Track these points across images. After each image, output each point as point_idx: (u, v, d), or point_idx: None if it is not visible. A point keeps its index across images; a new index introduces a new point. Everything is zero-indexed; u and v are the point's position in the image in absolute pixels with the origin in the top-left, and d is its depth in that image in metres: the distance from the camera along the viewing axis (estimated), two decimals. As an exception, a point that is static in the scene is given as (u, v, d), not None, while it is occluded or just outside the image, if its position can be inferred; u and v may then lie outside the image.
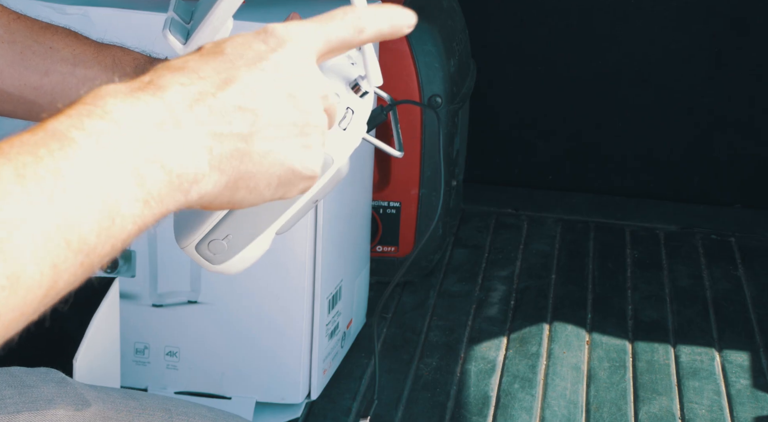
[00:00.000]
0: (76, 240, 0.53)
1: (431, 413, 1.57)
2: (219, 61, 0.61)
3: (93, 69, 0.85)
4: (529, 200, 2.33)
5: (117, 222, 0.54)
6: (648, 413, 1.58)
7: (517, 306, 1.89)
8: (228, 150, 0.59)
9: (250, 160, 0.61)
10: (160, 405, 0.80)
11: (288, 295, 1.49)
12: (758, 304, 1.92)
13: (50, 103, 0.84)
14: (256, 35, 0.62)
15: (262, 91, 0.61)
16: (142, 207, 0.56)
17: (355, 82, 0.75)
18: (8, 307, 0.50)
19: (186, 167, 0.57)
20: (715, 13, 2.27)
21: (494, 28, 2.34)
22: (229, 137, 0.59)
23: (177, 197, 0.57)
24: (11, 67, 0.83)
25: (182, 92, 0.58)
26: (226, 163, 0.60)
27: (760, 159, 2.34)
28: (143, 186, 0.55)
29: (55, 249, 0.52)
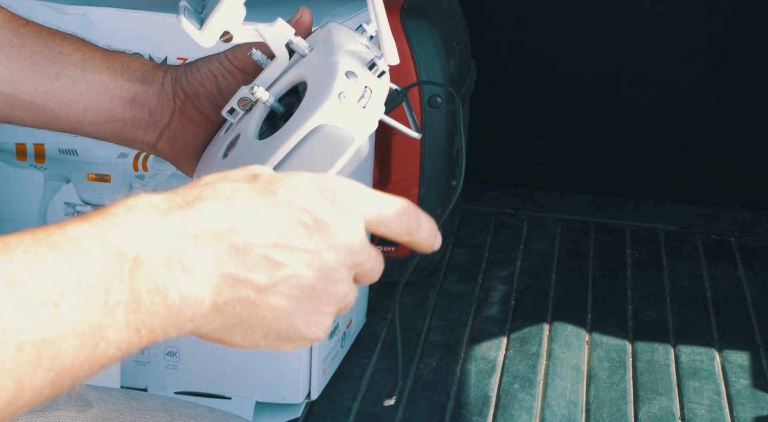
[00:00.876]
0: (51, 358, 0.50)
1: (431, 413, 1.57)
2: (267, 202, 0.58)
3: (102, 73, 0.85)
4: (529, 200, 2.33)
5: (100, 346, 0.52)
6: (648, 413, 1.58)
7: (517, 306, 1.89)
8: (237, 296, 0.57)
9: (255, 310, 0.58)
10: (161, 405, 0.81)
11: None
12: (758, 304, 1.92)
13: (60, 108, 0.84)
14: (316, 183, 0.59)
15: (296, 249, 0.58)
16: (132, 334, 0.53)
17: (372, 62, 0.75)
18: None
19: (188, 305, 0.55)
20: (715, 13, 2.27)
21: (494, 28, 2.34)
22: (243, 284, 0.57)
23: (169, 331, 0.55)
24: (22, 71, 0.83)
25: (215, 225, 0.56)
26: (230, 307, 0.57)
27: (760, 159, 2.34)
28: (138, 313, 0.53)
29: (25, 364, 0.49)
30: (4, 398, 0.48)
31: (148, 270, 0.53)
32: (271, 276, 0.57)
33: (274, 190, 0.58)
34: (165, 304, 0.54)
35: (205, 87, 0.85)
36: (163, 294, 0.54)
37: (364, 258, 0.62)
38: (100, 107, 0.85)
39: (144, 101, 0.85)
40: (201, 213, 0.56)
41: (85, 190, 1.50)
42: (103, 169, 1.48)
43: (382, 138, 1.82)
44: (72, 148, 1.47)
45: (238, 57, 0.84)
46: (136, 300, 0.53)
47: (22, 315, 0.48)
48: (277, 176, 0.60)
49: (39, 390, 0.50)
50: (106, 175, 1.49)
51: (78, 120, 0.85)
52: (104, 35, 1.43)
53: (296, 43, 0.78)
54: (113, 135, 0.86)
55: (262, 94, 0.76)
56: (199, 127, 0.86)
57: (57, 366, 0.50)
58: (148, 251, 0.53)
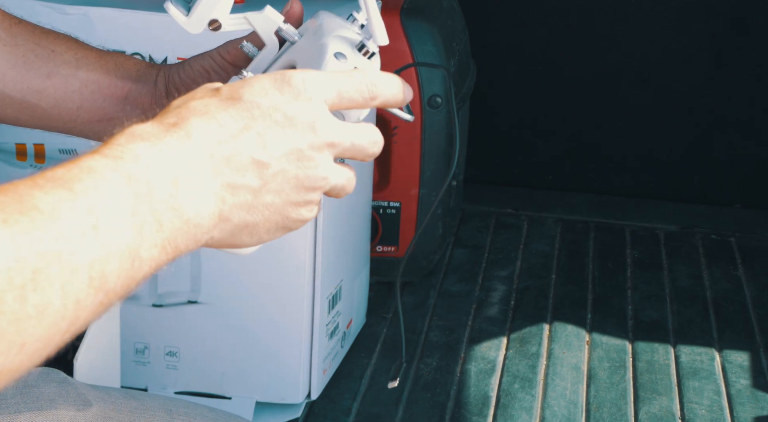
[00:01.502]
0: (99, 278, 0.54)
1: (431, 413, 1.57)
2: (238, 109, 0.63)
3: (96, 72, 0.85)
4: (529, 200, 2.33)
5: (135, 265, 0.56)
6: (648, 413, 1.58)
7: (517, 306, 1.89)
8: (238, 201, 0.63)
9: (255, 210, 0.64)
10: (161, 405, 0.81)
11: (288, 295, 1.49)
12: (758, 304, 1.92)
13: (53, 107, 0.84)
14: (273, 81, 0.65)
15: (274, 144, 0.64)
16: (159, 251, 0.58)
17: (362, 44, 0.76)
18: (33, 337, 0.51)
19: (201, 218, 0.60)
20: (715, 13, 2.27)
21: (494, 28, 2.34)
22: (241, 189, 0.63)
23: (189, 244, 0.60)
24: (13, 69, 0.83)
25: (204, 141, 0.61)
26: (234, 213, 0.63)
27: (760, 159, 2.34)
28: (162, 232, 0.58)
29: (80, 286, 0.53)
30: (68, 318, 0.52)
31: (161, 191, 0.58)
32: (261, 176, 0.63)
33: (240, 96, 0.64)
34: (182, 220, 0.59)
35: (197, 83, 0.85)
36: (179, 211, 0.59)
37: (335, 137, 0.67)
38: (93, 105, 0.85)
39: (137, 100, 0.85)
40: (189, 133, 0.61)
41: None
42: (103, 168, 1.48)
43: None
44: (72, 148, 1.47)
45: (229, 52, 0.84)
46: (158, 220, 0.57)
47: (72, 240, 0.52)
48: (235, 84, 0.65)
49: (92, 310, 0.54)
50: (106, 175, 1.49)
51: (71, 118, 0.85)
52: (104, 35, 1.43)
53: (285, 29, 0.78)
54: (106, 134, 0.86)
55: None
56: None
57: (104, 286, 0.54)
58: (156, 174, 0.58)
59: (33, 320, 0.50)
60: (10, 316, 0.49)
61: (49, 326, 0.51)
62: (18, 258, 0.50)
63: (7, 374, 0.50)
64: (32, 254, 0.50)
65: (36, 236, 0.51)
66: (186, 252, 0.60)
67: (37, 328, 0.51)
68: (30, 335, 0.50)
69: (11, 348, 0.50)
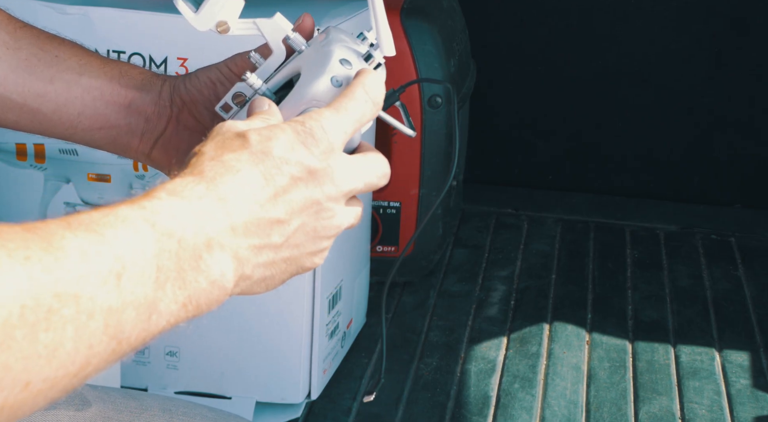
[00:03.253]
0: (114, 326, 0.54)
1: (431, 413, 1.57)
2: (268, 166, 0.65)
3: (99, 79, 0.85)
4: (529, 200, 2.33)
5: (153, 318, 0.57)
6: (648, 413, 1.58)
7: (517, 306, 1.89)
8: (262, 261, 0.64)
9: (274, 266, 0.66)
10: (160, 405, 0.81)
11: (288, 295, 1.49)
12: (758, 304, 1.92)
13: (54, 112, 0.84)
14: (296, 135, 0.67)
15: (298, 204, 0.66)
16: (179, 308, 0.59)
17: (368, 54, 0.76)
18: (40, 377, 0.50)
19: (226, 280, 0.61)
20: (715, 13, 2.27)
21: (494, 28, 2.34)
22: (265, 249, 0.64)
23: (211, 304, 0.61)
24: (15, 73, 0.83)
25: (238, 206, 0.63)
26: (256, 271, 0.64)
27: (760, 159, 2.34)
28: (185, 289, 0.58)
29: (94, 331, 0.53)
30: (78, 363, 0.52)
31: (192, 251, 0.59)
32: (282, 234, 0.66)
33: (269, 151, 0.65)
34: (208, 281, 0.60)
35: (203, 94, 0.85)
36: (206, 273, 0.60)
37: (351, 184, 0.70)
38: (95, 112, 0.85)
39: (140, 108, 0.85)
40: (224, 197, 0.62)
41: (85, 190, 1.50)
42: (103, 169, 1.48)
43: (382, 138, 1.82)
44: (72, 147, 1.47)
45: (237, 64, 0.84)
46: (182, 278, 0.58)
47: (92, 285, 0.52)
48: (263, 133, 0.66)
49: (104, 357, 0.54)
50: (106, 175, 1.49)
51: (71, 124, 0.85)
52: (104, 35, 1.43)
53: (294, 38, 0.78)
54: (108, 142, 0.86)
55: (254, 80, 0.76)
56: (195, 135, 0.86)
57: (119, 335, 0.54)
58: (191, 234, 0.59)
59: (42, 360, 0.50)
60: (17, 353, 0.49)
61: (58, 368, 0.51)
62: (34, 295, 0.49)
63: (9, 411, 0.50)
64: (49, 294, 0.50)
65: (56, 276, 0.51)
66: (207, 311, 0.61)
67: (44, 368, 0.50)
68: (37, 374, 0.50)
69: (15, 386, 0.49)
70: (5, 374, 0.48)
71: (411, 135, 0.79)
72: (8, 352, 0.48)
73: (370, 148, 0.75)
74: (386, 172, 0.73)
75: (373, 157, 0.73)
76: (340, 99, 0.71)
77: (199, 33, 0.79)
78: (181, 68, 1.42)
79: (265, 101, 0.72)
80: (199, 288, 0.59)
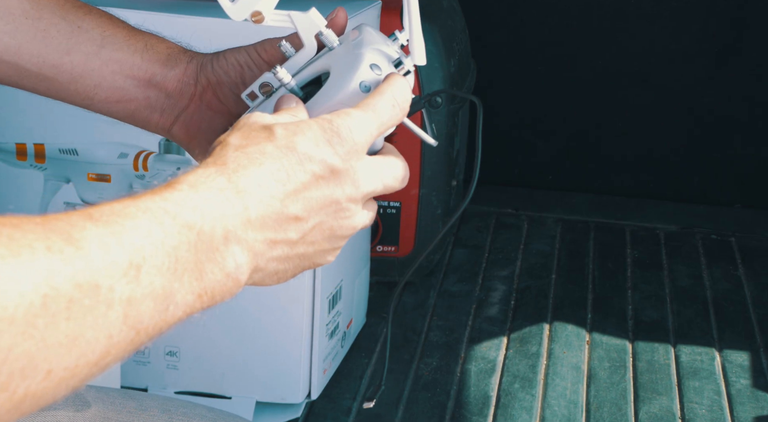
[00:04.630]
0: (134, 316, 0.54)
1: (431, 413, 1.57)
2: (291, 161, 0.65)
3: (121, 52, 0.84)
4: (529, 200, 2.33)
5: (170, 309, 0.57)
6: (648, 413, 1.58)
7: (517, 306, 1.89)
8: (276, 255, 0.65)
9: (288, 260, 0.66)
10: (160, 405, 0.81)
11: (288, 295, 1.49)
12: (758, 304, 1.92)
13: (69, 82, 0.84)
14: (323, 132, 0.67)
15: (316, 200, 0.66)
16: (195, 299, 0.59)
17: (399, 61, 0.76)
18: (61, 365, 0.51)
19: (241, 273, 0.62)
20: (715, 13, 2.27)
21: (494, 28, 2.34)
22: (281, 244, 0.65)
23: (225, 295, 0.62)
24: (31, 43, 0.83)
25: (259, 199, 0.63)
26: (269, 264, 0.65)
27: (760, 159, 2.34)
28: (201, 281, 0.59)
29: (114, 321, 0.53)
30: (98, 352, 0.53)
31: (210, 243, 0.59)
32: (299, 230, 0.66)
33: (294, 147, 0.66)
34: (223, 273, 0.60)
35: (229, 75, 0.84)
36: (221, 265, 0.60)
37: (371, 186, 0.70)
38: (112, 85, 0.84)
39: (162, 84, 0.85)
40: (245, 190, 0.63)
41: (85, 190, 1.50)
42: (103, 169, 1.48)
43: (382, 138, 1.83)
44: (72, 147, 1.47)
45: (267, 50, 0.83)
46: (199, 269, 0.59)
47: (113, 276, 0.53)
48: (290, 128, 0.66)
49: (123, 346, 0.55)
50: (106, 175, 1.49)
51: (88, 96, 0.85)
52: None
53: (326, 34, 0.77)
54: (126, 115, 0.86)
55: (284, 75, 0.75)
56: (217, 116, 0.85)
57: (137, 325, 0.55)
58: (209, 226, 0.59)
59: (63, 348, 0.51)
60: (40, 342, 0.49)
61: (79, 357, 0.52)
62: (55, 285, 0.50)
63: (32, 399, 0.51)
64: (70, 284, 0.51)
65: (77, 266, 0.51)
66: (221, 301, 0.62)
67: (65, 357, 0.51)
68: (58, 362, 0.51)
69: (38, 374, 0.50)
70: (28, 362, 0.49)
71: (433, 144, 0.80)
72: (31, 341, 0.49)
73: (391, 151, 0.75)
74: (405, 175, 0.74)
75: (394, 159, 0.73)
76: (369, 100, 0.71)
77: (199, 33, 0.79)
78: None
79: (293, 99, 0.72)
80: (214, 280, 0.60)
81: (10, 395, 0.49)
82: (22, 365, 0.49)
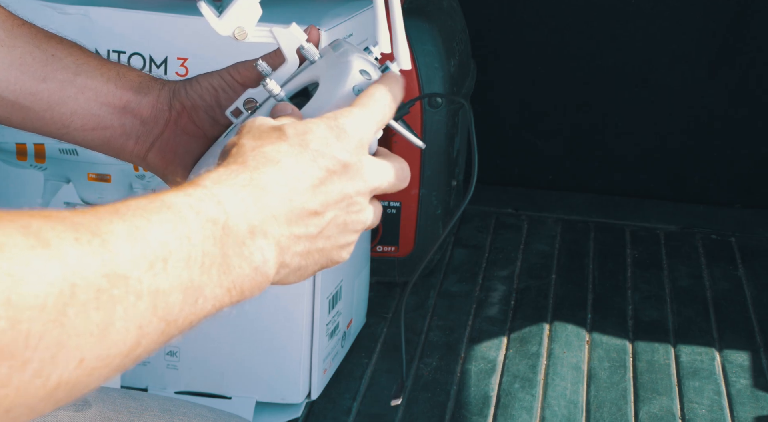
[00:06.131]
0: (163, 308, 0.55)
1: (431, 413, 1.57)
2: (306, 159, 0.68)
3: (95, 79, 0.85)
4: (529, 200, 2.33)
5: (199, 302, 0.58)
6: (648, 413, 1.58)
7: (517, 306, 1.89)
8: (299, 249, 0.67)
9: (309, 256, 0.68)
10: (160, 405, 0.81)
11: (288, 295, 1.49)
12: (758, 304, 1.93)
13: (46, 111, 0.84)
14: (330, 130, 0.70)
15: (332, 197, 0.69)
16: (223, 293, 0.60)
17: (386, 66, 0.78)
18: (93, 354, 0.52)
19: (268, 267, 0.63)
20: (715, 13, 2.27)
21: (494, 28, 2.34)
22: (303, 239, 0.67)
23: (254, 290, 0.63)
24: (8, 70, 0.83)
25: (279, 195, 0.65)
26: (293, 260, 0.67)
27: (760, 159, 2.34)
28: (229, 275, 0.60)
29: (144, 312, 0.54)
30: (129, 343, 0.54)
31: (236, 238, 0.61)
32: (318, 224, 0.68)
33: (307, 144, 0.68)
34: (251, 267, 0.62)
35: (204, 99, 0.85)
36: (249, 259, 0.62)
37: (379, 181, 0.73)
38: (88, 113, 0.85)
39: (136, 111, 0.85)
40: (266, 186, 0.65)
41: (85, 190, 1.50)
42: (103, 168, 1.48)
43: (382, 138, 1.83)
44: (72, 147, 1.47)
45: (240, 72, 0.85)
46: (226, 263, 0.60)
47: (140, 268, 0.54)
48: (299, 128, 0.69)
49: (154, 338, 0.56)
50: (106, 175, 1.49)
51: (64, 124, 0.85)
52: (104, 35, 1.43)
53: (307, 48, 0.80)
54: (101, 143, 0.86)
55: (274, 86, 0.77)
56: (193, 140, 0.86)
57: (167, 316, 0.56)
58: (235, 221, 0.61)
59: (94, 337, 0.51)
60: (71, 330, 0.50)
61: (110, 346, 0.53)
62: (84, 276, 0.51)
63: (65, 387, 0.51)
64: (98, 274, 0.52)
65: (104, 258, 0.52)
66: (250, 297, 0.63)
67: (96, 346, 0.52)
68: (90, 351, 0.51)
69: (70, 362, 0.51)
70: (59, 350, 0.50)
71: (421, 146, 0.82)
72: (61, 329, 0.50)
73: (389, 152, 0.78)
74: (407, 175, 0.77)
75: (397, 159, 0.76)
76: (364, 99, 0.73)
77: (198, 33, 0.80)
78: (181, 68, 1.42)
79: (289, 106, 0.75)
80: (242, 274, 0.61)
81: (43, 381, 0.49)
82: (53, 353, 0.49)
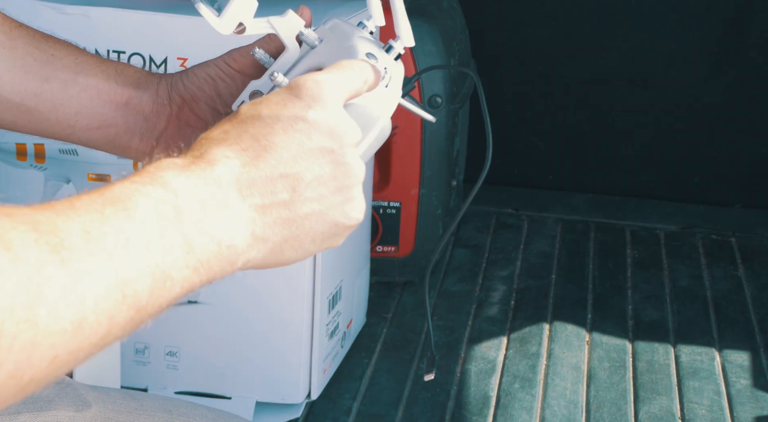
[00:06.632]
0: (131, 295, 0.55)
1: (431, 413, 1.57)
2: (257, 127, 0.65)
3: (95, 77, 0.85)
4: (529, 200, 2.33)
5: (167, 285, 0.58)
6: (648, 413, 1.58)
7: (517, 306, 1.89)
8: (271, 219, 0.64)
9: (293, 224, 0.65)
10: (160, 405, 0.81)
11: (288, 295, 1.49)
12: (758, 304, 1.92)
13: (51, 111, 0.84)
14: (288, 91, 0.67)
15: (301, 153, 0.65)
16: (191, 273, 0.59)
17: (389, 45, 0.78)
18: (66, 349, 0.52)
19: (234, 239, 0.61)
20: (715, 13, 2.27)
21: (494, 28, 2.34)
22: (271, 207, 0.64)
23: (224, 266, 0.61)
24: (11, 72, 0.83)
25: (227, 167, 0.63)
26: (269, 231, 0.64)
27: (760, 159, 2.34)
28: (193, 254, 0.59)
29: (113, 302, 0.54)
30: (100, 333, 0.54)
31: (189, 216, 0.59)
32: (293, 189, 0.64)
33: (259, 114, 0.66)
34: (214, 242, 0.60)
35: (203, 90, 0.85)
36: (210, 234, 0.60)
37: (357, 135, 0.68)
38: (92, 111, 0.85)
39: (138, 106, 0.85)
40: (211, 161, 0.63)
41: (85, 190, 1.50)
42: (103, 168, 1.48)
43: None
44: (72, 147, 1.47)
45: (236, 60, 0.85)
46: (188, 242, 0.59)
47: (102, 260, 0.54)
48: (254, 102, 0.67)
49: (123, 326, 0.56)
50: (106, 175, 1.49)
51: (69, 124, 0.85)
52: (104, 35, 1.43)
53: (306, 34, 0.79)
54: (106, 142, 0.86)
55: (282, 79, 0.77)
56: (196, 132, 0.86)
57: (136, 304, 0.56)
58: (183, 199, 0.60)
59: (67, 334, 0.52)
60: (44, 330, 0.50)
61: (82, 340, 0.53)
62: (49, 275, 0.51)
63: (36, 384, 0.52)
64: (62, 272, 0.52)
65: (63, 256, 0.52)
66: (223, 275, 0.62)
67: (70, 342, 0.52)
68: (63, 348, 0.52)
69: (43, 361, 0.51)
70: (33, 351, 0.50)
71: (431, 120, 0.81)
72: (35, 329, 0.50)
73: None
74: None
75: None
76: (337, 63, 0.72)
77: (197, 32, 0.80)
78: (181, 68, 1.42)
79: None
80: (207, 251, 0.60)
81: (17, 381, 0.50)
82: (28, 354, 0.50)
